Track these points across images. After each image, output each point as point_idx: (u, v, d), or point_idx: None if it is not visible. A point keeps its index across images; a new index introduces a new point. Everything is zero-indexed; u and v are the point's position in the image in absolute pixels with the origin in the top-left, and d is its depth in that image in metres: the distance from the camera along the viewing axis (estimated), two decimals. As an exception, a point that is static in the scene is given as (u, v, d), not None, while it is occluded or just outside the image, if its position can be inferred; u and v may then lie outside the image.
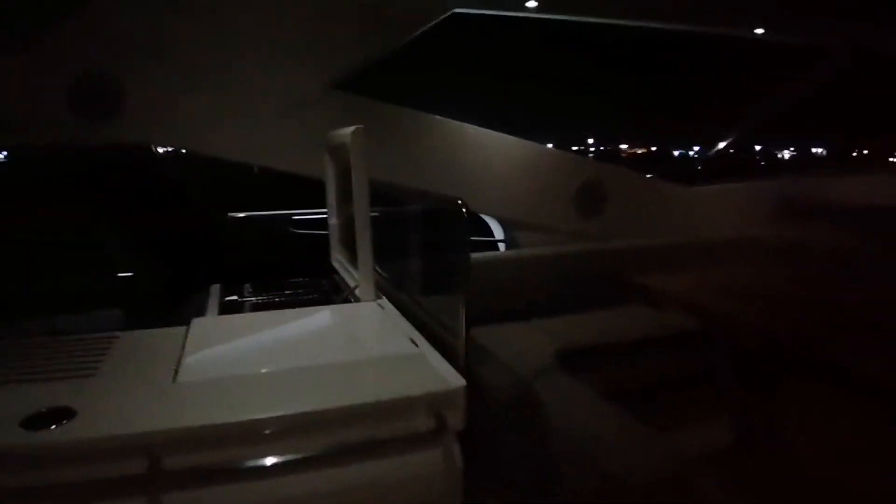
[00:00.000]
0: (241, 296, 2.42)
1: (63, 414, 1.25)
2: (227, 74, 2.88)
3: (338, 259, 2.65)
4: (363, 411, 1.36)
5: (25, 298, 3.14)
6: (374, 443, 1.36)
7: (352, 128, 2.00)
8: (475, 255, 2.84)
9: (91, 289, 3.27)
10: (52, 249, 3.44)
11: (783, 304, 2.93)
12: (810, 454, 2.21)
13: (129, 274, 3.22)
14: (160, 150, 3.01)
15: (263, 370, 1.52)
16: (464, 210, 1.52)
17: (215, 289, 2.54)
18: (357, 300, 2.12)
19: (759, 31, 4.61)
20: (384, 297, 2.13)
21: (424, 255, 2.14)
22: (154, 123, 2.86)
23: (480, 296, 1.59)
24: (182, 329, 1.81)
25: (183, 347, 1.65)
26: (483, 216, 3.34)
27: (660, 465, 2.15)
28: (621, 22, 4.12)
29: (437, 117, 3.15)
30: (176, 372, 1.49)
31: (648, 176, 4.59)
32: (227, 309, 2.22)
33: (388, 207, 2.24)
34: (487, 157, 3.31)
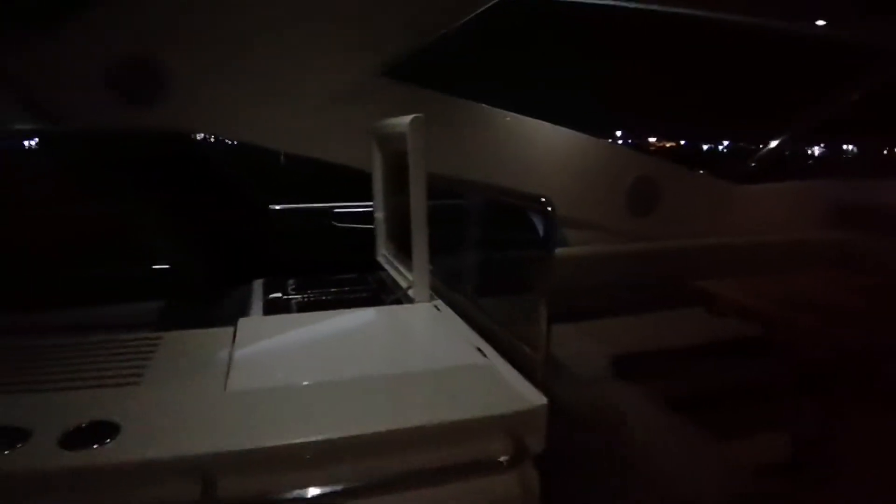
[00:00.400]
0: (285, 293, 2.29)
1: (106, 430, 1.13)
2: (270, 59, 2.75)
3: (385, 255, 2.52)
4: (434, 433, 1.22)
5: (60, 288, 3.07)
6: (444, 469, 1.21)
7: (410, 116, 1.86)
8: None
9: (128, 280, 3.19)
10: (88, 238, 3.37)
11: (847, 312, 2.74)
12: (876, 472, 2.03)
13: (167, 266, 3.13)
14: (201, 137, 2.89)
15: (320, 380, 1.39)
16: (550, 209, 1.36)
17: (258, 285, 2.42)
18: (410, 301, 1.98)
19: (820, 23, 4.34)
20: (438, 298, 1.99)
21: (486, 253, 1.99)
22: (194, 110, 2.74)
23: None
24: (228, 331, 1.69)
25: (231, 352, 1.53)
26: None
27: (722, 480, 2.00)
28: (671, 9, 3.90)
29: (487, 107, 2.99)
30: (226, 380, 1.36)
31: (700, 173, 4.38)
32: (271, 308, 2.10)
33: (443, 201, 2.09)
34: (537, 148, 3.14)
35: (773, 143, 5.29)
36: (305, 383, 1.37)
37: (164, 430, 1.15)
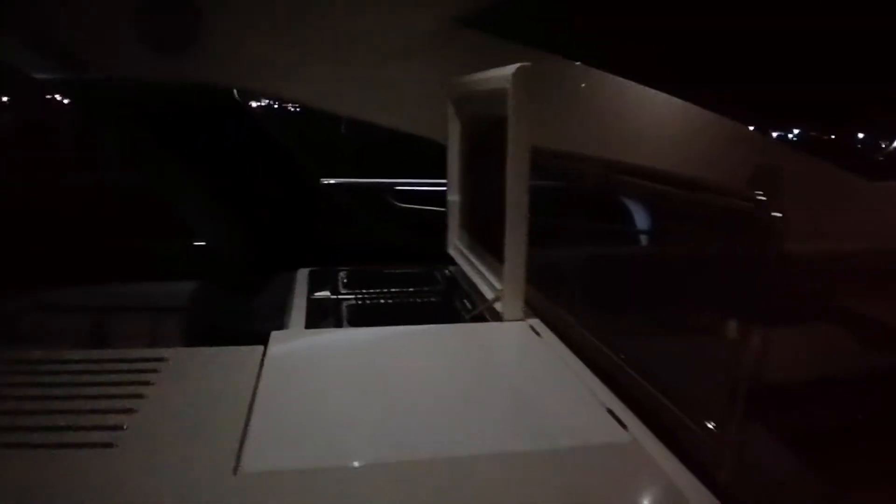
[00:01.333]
0: (334, 290, 1.84)
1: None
2: (322, 7, 2.26)
3: (458, 248, 2.03)
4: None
5: (91, 262, 2.72)
6: None
7: (513, 66, 1.34)
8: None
9: (162, 256, 2.81)
10: (118, 206, 3.01)
11: None
12: None
13: (204, 243, 2.73)
14: (242, 96, 2.44)
15: (380, 459, 0.91)
16: (778, 214, 0.84)
17: (303, 276, 1.98)
18: (496, 317, 1.49)
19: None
20: (534, 315, 1.49)
21: (615, 259, 1.47)
22: (234, 64, 2.30)
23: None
24: (254, 353, 1.24)
25: (254, 394, 1.07)
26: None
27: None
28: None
29: (590, 68, 2.42)
30: (240, 452, 0.90)
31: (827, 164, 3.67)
32: (316, 311, 1.64)
33: (543, 182, 1.57)
34: (644, 121, 2.56)
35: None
36: (357, 464, 0.89)
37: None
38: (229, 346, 1.28)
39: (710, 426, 0.93)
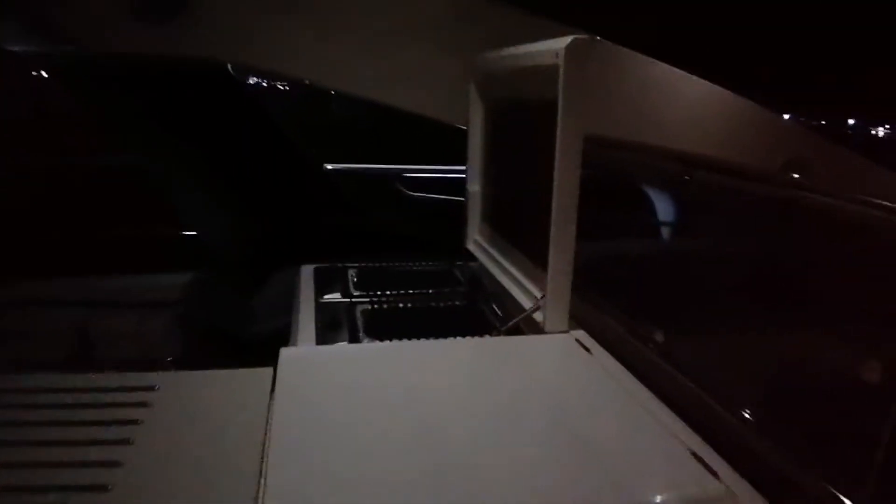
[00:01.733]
0: (345, 292, 1.65)
1: None
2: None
3: (479, 243, 1.84)
4: None
5: (73, 251, 2.50)
6: None
7: (567, 39, 1.14)
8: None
9: (157, 244, 2.58)
10: (101, 192, 2.78)
11: None
12: None
13: (195, 233, 2.51)
14: (239, 73, 2.22)
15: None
16: None
17: (308, 273, 1.79)
18: (536, 328, 1.30)
19: None
20: (578, 326, 1.31)
21: (686, 264, 1.28)
22: (229, 37, 2.08)
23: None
24: (263, 378, 1.05)
25: (266, 431, 0.89)
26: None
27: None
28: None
29: (623, 48, 2.23)
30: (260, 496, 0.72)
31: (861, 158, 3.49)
32: (327, 318, 1.45)
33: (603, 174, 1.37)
34: (679, 106, 2.37)
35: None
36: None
37: None
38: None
39: (833, 491, 0.75)
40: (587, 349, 1.22)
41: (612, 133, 1.42)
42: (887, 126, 1.19)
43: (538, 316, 1.31)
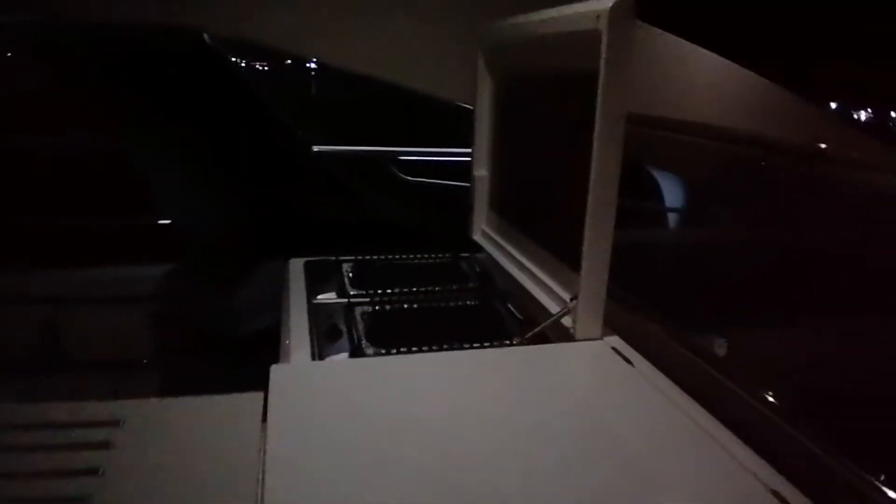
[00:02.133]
0: (340, 290, 1.47)
1: None
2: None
3: (487, 234, 1.67)
4: None
5: (43, 241, 2.28)
6: None
7: (605, 2, 0.97)
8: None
9: (130, 233, 2.36)
10: (69, 174, 2.55)
11: None
12: None
13: (170, 221, 2.30)
14: (216, 41, 2.00)
15: None
16: None
17: (297, 268, 1.60)
18: (566, 335, 1.14)
19: None
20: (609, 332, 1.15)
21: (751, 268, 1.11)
22: (210, 3, 1.87)
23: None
24: (253, 403, 0.88)
25: (262, 471, 0.72)
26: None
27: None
28: None
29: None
30: None
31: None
32: (322, 323, 1.28)
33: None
34: (697, 85, 2.21)
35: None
36: None
37: None
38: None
39: None
40: (627, 360, 1.07)
41: (656, 111, 1.26)
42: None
43: (566, 321, 1.15)
